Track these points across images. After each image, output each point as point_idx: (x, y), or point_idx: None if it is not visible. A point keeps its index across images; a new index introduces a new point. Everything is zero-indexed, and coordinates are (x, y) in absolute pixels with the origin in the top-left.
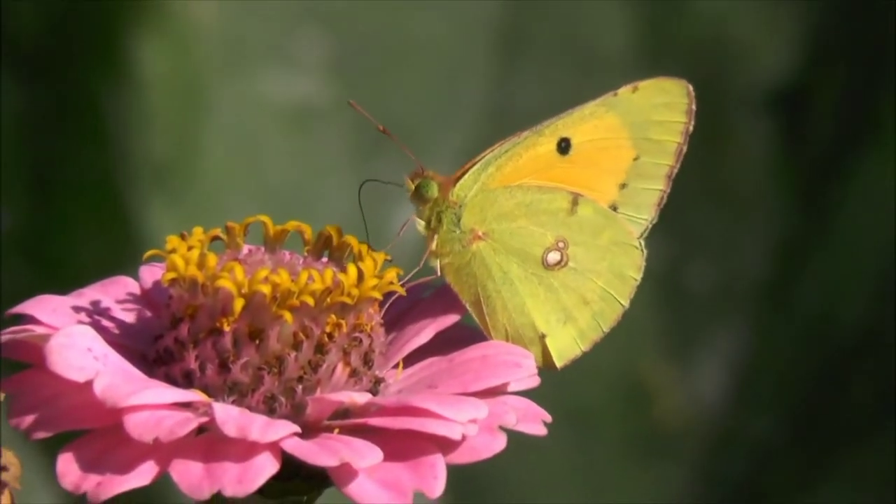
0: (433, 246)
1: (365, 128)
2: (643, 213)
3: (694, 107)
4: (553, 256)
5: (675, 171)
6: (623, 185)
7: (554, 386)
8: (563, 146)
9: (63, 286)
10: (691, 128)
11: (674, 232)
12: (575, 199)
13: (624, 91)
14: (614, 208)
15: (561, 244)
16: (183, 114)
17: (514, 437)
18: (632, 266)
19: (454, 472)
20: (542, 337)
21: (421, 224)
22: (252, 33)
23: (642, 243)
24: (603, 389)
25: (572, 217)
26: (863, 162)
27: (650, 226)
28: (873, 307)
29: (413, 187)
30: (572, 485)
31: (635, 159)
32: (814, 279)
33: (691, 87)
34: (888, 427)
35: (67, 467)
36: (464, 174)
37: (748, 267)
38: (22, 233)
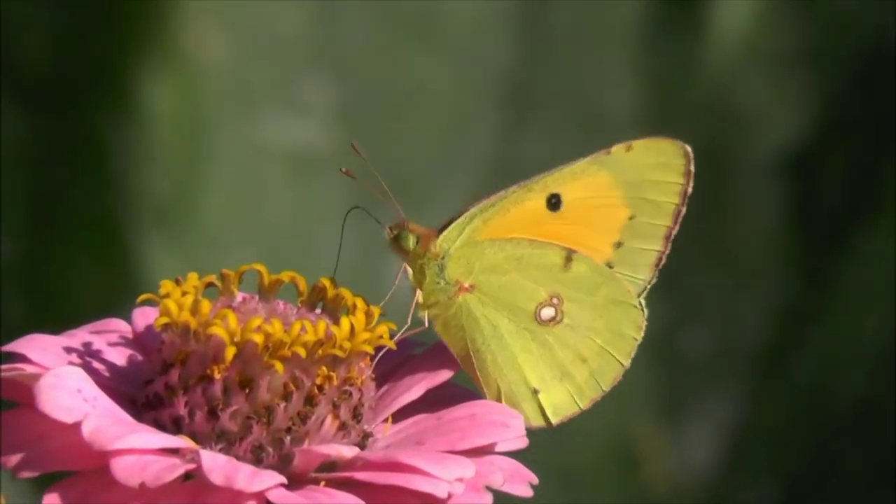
0: (419, 298)
1: (367, 177)
2: (640, 273)
3: (692, 168)
4: (547, 312)
5: (674, 232)
6: (618, 244)
7: (544, 447)
8: (554, 202)
9: (59, 320)
10: (690, 189)
11: (672, 295)
12: (569, 256)
13: (617, 149)
14: (610, 267)
15: (555, 300)
16: (186, 153)
17: (504, 499)
18: (631, 325)
19: None
20: (535, 392)
21: (410, 273)
22: (259, 76)
23: (642, 302)
24: (594, 452)
25: (566, 273)
26: (868, 234)
27: (649, 286)
28: (870, 380)
29: (391, 237)
30: None
31: (630, 218)
32: (812, 349)
33: (689, 148)
34: (881, 501)
35: None
36: (447, 226)
37: (746, 334)
38: (20, 264)
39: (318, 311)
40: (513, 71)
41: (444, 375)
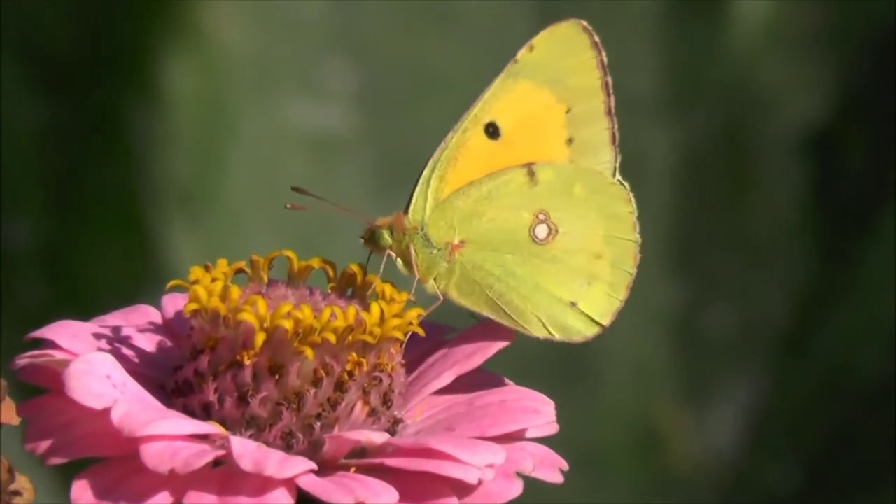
0: (418, 274)
1: (387, 159)
2: (602, 156)
3: (597, 38)
4: (541, 230)
5: (612, 104)
6: (569, 140)
7: (567, 428)
8: (492, 131)
9: (81, 304)
10: (605, 59)
11: (693, 275)
12: (530, 170)
13: (522, 54)
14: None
15: (542, 216)
16: (208, 136)
17: (528, 480)
18: (619, 202)
19: None
20: (574, 305)
21: (399, 263)
22: (280, 59)
23: (620, 179)
24: (616, 432)
25: (537, 187)
26: (888, 213)
27: (616, 164)
28: (891, 359)
29: (367, 242)
30: None
31: (568, 111)
32: (833, 329)
33: (585, 22)
34: None
35: (82, 494)
36: (410, 199)
37: (767, 314)
38: (42, 248)
39: (347, 296)
40: None
41: (475, 362)
